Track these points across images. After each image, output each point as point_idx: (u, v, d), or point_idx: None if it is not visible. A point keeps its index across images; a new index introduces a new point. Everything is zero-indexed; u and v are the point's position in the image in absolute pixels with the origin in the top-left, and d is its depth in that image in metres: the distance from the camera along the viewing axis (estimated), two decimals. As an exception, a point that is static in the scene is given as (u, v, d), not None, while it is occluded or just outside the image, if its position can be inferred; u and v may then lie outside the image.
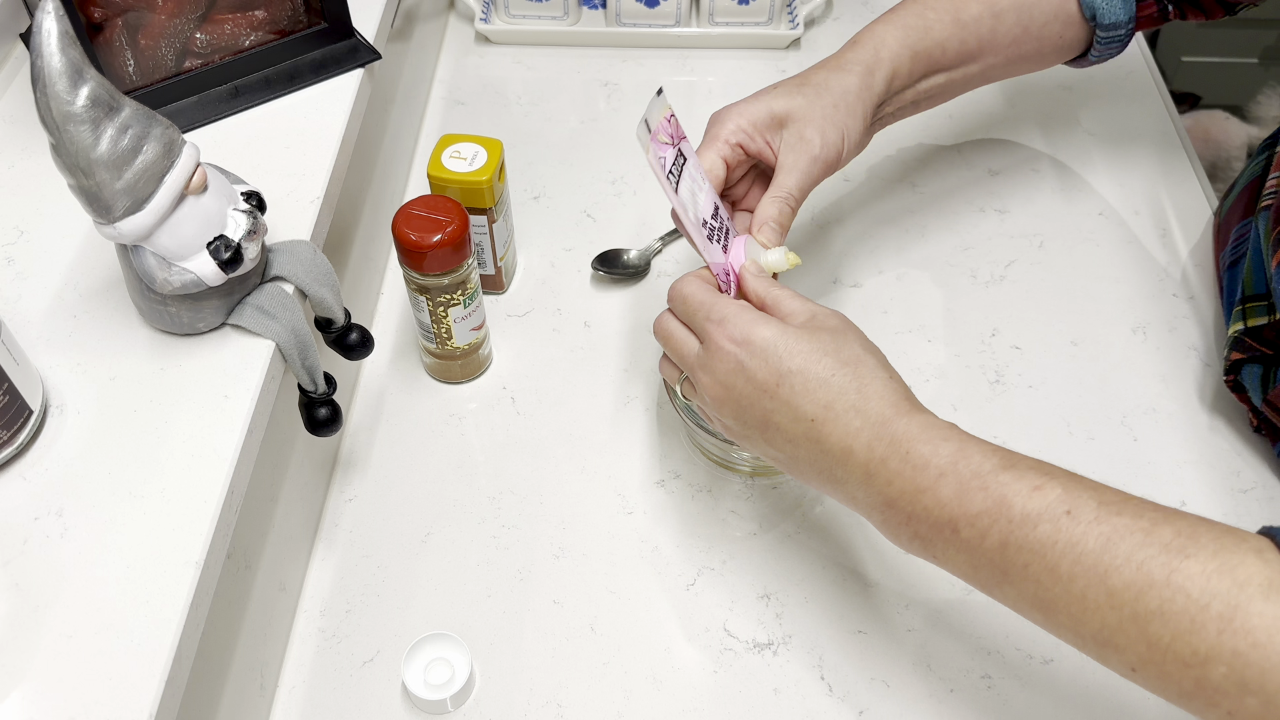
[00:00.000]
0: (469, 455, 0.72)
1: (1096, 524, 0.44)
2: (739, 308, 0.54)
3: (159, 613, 0.45)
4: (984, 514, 0.46)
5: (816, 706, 0.61)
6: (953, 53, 0.68)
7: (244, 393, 0.53)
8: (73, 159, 0.45)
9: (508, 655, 0.63)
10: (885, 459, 0.49)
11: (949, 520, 0.47)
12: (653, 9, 0.99)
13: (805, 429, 0.51)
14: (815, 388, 0.51)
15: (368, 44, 0.72)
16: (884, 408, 0.50)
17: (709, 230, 0.59)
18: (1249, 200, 0.77)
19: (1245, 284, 0.71)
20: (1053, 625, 0.46)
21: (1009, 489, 0.46)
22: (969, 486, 0.46)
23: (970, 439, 0.49)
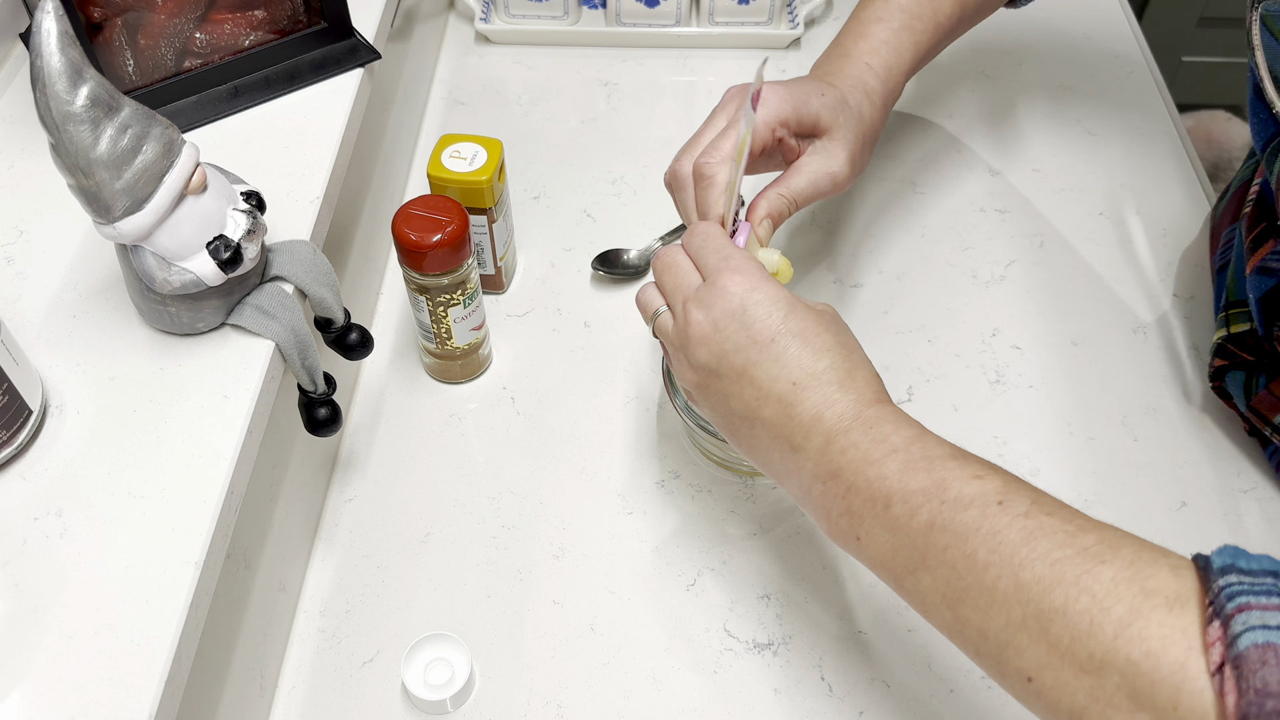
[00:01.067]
0: (469, 455, 0.72)
1: (1024, 518, 0.44)
2: (757, 264, 0.54)
3: (159, 613, 0.45)
4: (920, 492, 0.46)
5: (816, 706, 0.61)
6: (934, 48, 0.72)
7: (244, 393, 0.53)
8: (72, 159, 0.45)
9: (508, 655, 0.63)
10: (849, 429, 0.49)
11: (885, 495, 0.47)
12: (653, 9, 0.99)
13: (783, 390, 0.51)
14: (809, 356, 0.51)
15: (367, 44, 0.72)
16: (867, 390, 0.51)
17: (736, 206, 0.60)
18: (1238, 204, 0.77)
19: (1230, 289, 0.71)
20: (957, 622, 0.45)
21: (951, 473, 0.46)
22: (915, 465, 0.47)
23: (933, 434, 0.49)
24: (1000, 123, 0.94)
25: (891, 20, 0.69)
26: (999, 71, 0.99)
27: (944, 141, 0.92)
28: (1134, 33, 1.02)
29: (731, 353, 0.52)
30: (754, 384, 0.52)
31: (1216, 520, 0.68)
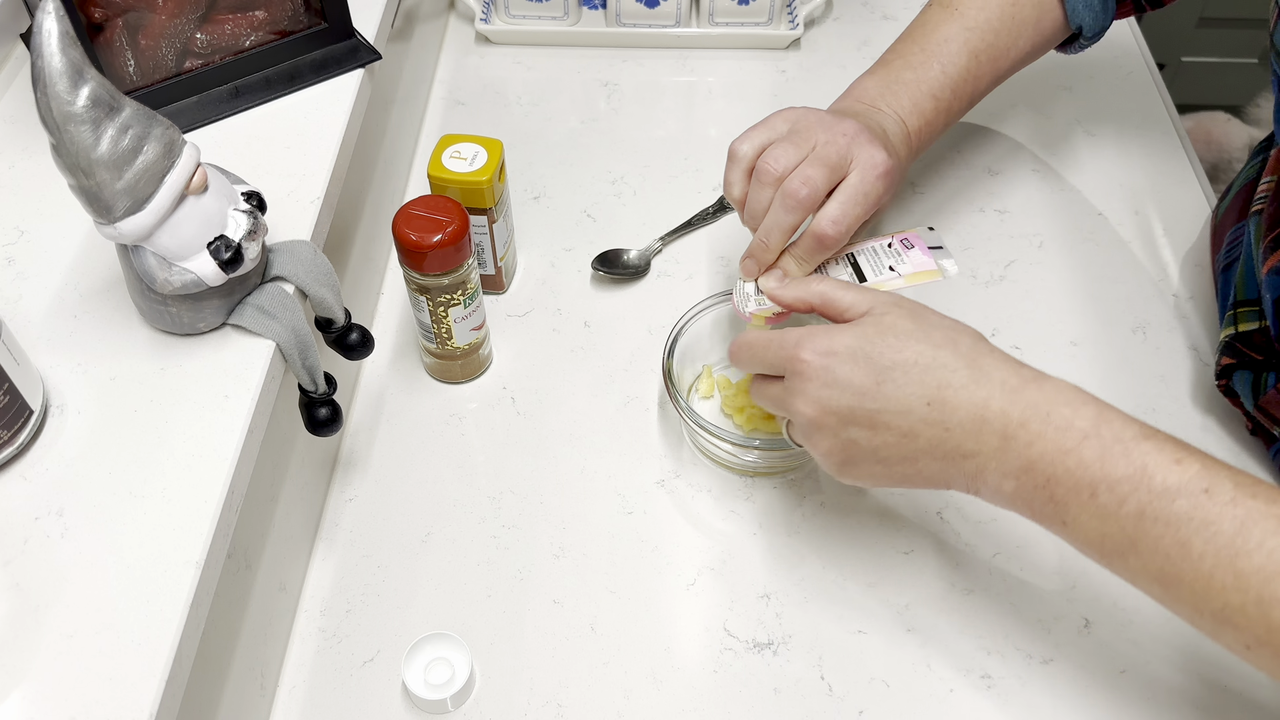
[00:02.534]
0: (469, 455, 0.72)
1: (1232, 505, 0.45)
2: (807, 329, 0.54)
3: (159, 613, 0.46)
4: (1125, 480, 0.47)
5: (816, 706, 0.61)
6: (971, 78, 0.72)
7: (244, 393, 0.53)
8: (73, 159, 0.45)
9: (508, 655, 0.63)
10: (1025, 422, 0.49)
11: (1089, 483, 0.48)
12: (653, 9, 0.99)
13: (921, 415, 0.51)
14: (921, 374, 0.51)
15: (368, 44, 0.72)
16: (1007, 375, 0.50)
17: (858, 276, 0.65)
18: (1243, 203, 0.77)
19: (1238, 288, 0.71)
20: (1170, 599, 0.47)
21: (1150, 459, 0.46)
22: (1112, 451, 0.47)
23: (1105, 404, 0.49)
24: (1000, 123, 0.94)
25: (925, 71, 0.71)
26: (999, 72, 0.99)
27: (944, 142, 0.92)
28: (1134, 33, 1.02)
29: (851, 416, 0.52)
30: (889, 428, 0.52)
31: (1216, 520, 0.68)
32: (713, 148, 0.92)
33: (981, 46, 0.71)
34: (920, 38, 0.72)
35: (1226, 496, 0.45)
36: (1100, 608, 0.64)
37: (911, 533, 0.68)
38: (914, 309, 0.54)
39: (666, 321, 0.77)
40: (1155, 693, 0.61)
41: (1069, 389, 0.50)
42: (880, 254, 0.65)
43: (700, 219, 0.86)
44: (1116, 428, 0.48)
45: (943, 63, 0.70)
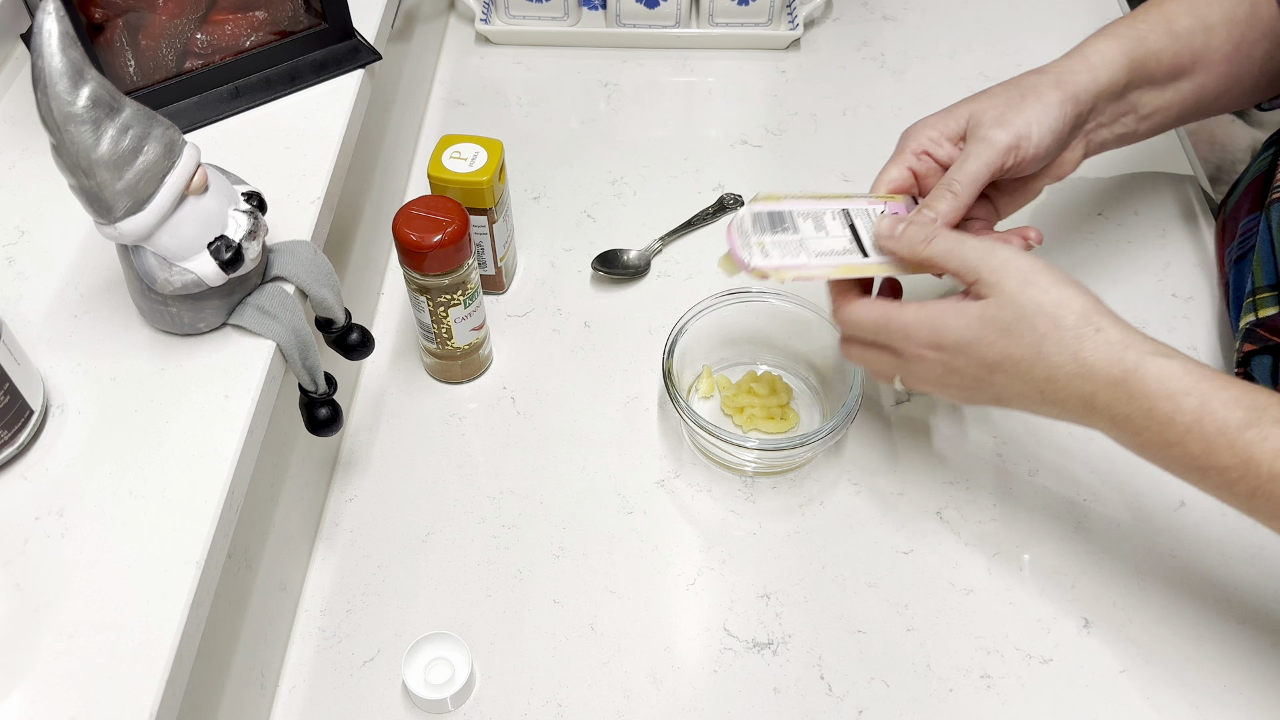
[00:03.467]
0: (469, 455, 0.72)
1: None
2: (914, 314, 0.56)
3: (160, 612, 0.46)
4: (1232, 469, 0.50)
5: (816, 706, 0.61)
6: (1166, 64, 0.66)
7: (245, 393, 0.53)
8: (74, 159, 0.46)
9: (508, 655, 0.63)
10: (1129, 415, 0.52)
11: (1198, 468, 0.51)
12: (653, 10, 0.99)
13: (1038, 397, 0.54)
14: (1027, 369, 0.53)
15: (368, 44, 0.72)
16: (1110, 366, 0.52)
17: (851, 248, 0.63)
18: (1256, 195, 0.77)
19: (1255, 276, 0.72)
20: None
21: (1256, 449, 0.49)
22: (1216, 445, 0.49)
23: (1208, 388, 0.50)
24: (1000, 123, 0.94)
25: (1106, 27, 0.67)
26: (998, 72, 0.98)
27: (944, 142, 0.92)
28: (1134, 33, 1.02)
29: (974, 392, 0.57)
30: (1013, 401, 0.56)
31: (1215, 520, 0.68)
32: (713, 148, 0.92)
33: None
34: None
35: None
36: (1100, 608, 0.64)
37: (911, 533, 0.68)
38: (1017, 292, 0.54)
39: (666, 321, 0.77)
40: (1155, 693, 0.61)
41: (1174, 375, 0.51)
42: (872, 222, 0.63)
43: (700, 219, 0.86)
44: (1220, 419, 0.50)
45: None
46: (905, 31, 1.03)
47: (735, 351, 0.76)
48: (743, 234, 0.63)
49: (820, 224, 0.64)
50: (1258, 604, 0.64)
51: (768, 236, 0.62)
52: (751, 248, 0.62)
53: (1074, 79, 0.63)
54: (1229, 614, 0.64)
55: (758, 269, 0.61)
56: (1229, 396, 0.50)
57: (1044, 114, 0.61)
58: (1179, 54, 0.66)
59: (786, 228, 0.63)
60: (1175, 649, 0.63)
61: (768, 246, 0.62)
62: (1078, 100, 0.63)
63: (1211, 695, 0.61)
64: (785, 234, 0.63)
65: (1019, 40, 1.02)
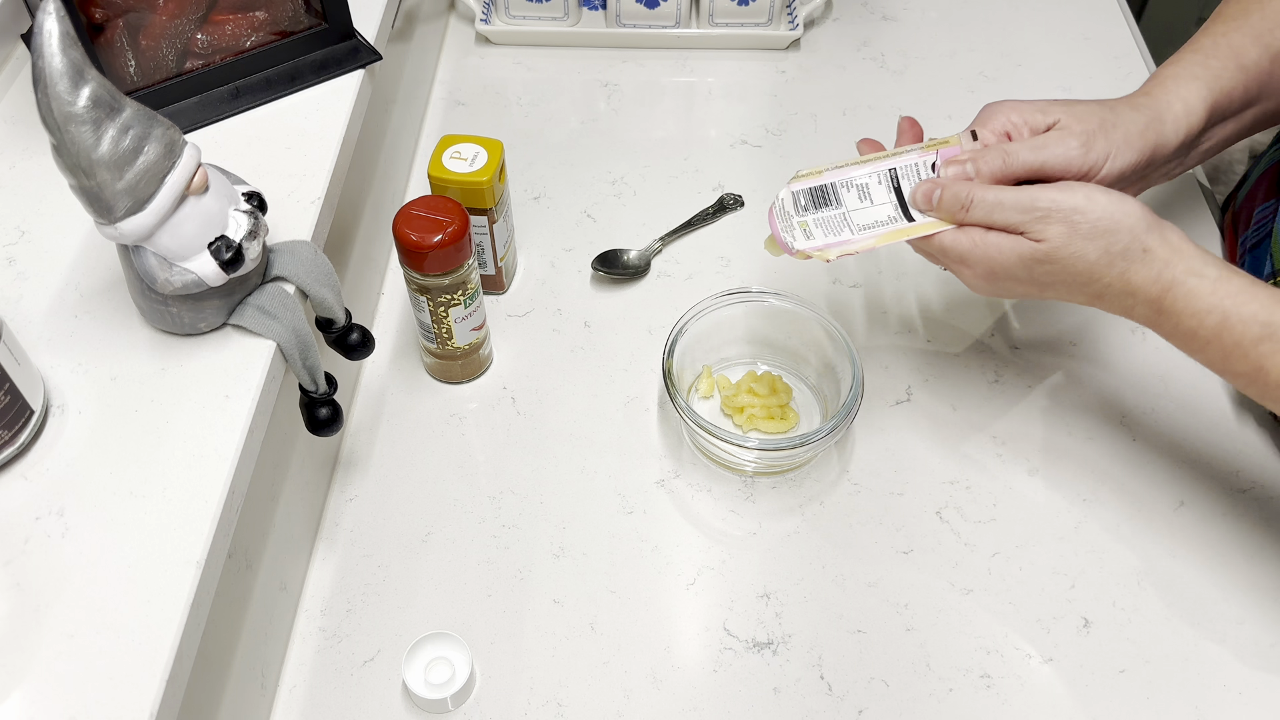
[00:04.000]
0: (469, 455, 0.72)
1: None
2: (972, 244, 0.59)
3: (160, 612, 0.46)
4: (1245, 374, 0.57)
5: (816, 706, 0.61)
6: (1238, 101, 0.67)
7: (245, 393, 0.53)
8: (74, 159, 0.46)
9: (508, 654, 0.63)
10: (1159, 324, 0.59)
11: (1218, 369, 0.58)
12: (653, 10, 0.99)
13: (1086, 300, 0.60)
14: (1081, 287, 0.59)
15: (368, 45, 0.72)
16: (1148, 287, 0.57)
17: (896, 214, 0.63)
18: (1271, 183, 0.78)
19: (1274, 258, 0.72)
20: None
21: (1267, 361, 0.55)
22: (1232, 355, 0.56)
23: (1230, 305, 0.56)
24: (1000, 123, 0.94)
25: (1180, 61, 0.67)
26: (998, 72, 0.99)
27: (944, 142, 0.92)
28: (1133, 33, 1.02)
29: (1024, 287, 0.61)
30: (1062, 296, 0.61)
31: (1215, 520, 0.68)
32: (713, 148, 0.92)
33: None
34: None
35: None
36: (1100, 607, 0.64)
37: (911, 533, 0.68)
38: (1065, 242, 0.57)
39: (666, 321, 0.77)
40: (1154, 693, 0.61)
41: (1202, 294, 0.56)
42: (923, 179, 0.62)
43: (700, 219, 0.86)
44: (1236, 333, 0.56)
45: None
46: (905, 31, 1.03)
47: (735, 351, 0.76)
48: (784, 215, 0.62)
49: (865, 192, 0.63)
50: (1257, 604, 0.64)
51: (810, 215, 0.62)
52: (794, 229, 0.62)
53: (1161, 128, 0.64)
54: (1229, 614, 0.64)
55: (801, 252, 0.62)
56: (1248, 313, 0.55)
57: (1125, 154, 0.62)
58: (1248, 87, 0.67)
59: (829, 202, 0.63)
60: (1175, 649, 0.63)
61: (810, 226, 0.62)
62: (1157, 150, 0.64)
63: (1211, 695, 0.61)
64: (828, 209, 0.62)
65: (1019, 40, 1.02)
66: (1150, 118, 0.64)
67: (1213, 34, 0.68)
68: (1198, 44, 0.68)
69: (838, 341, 0.70)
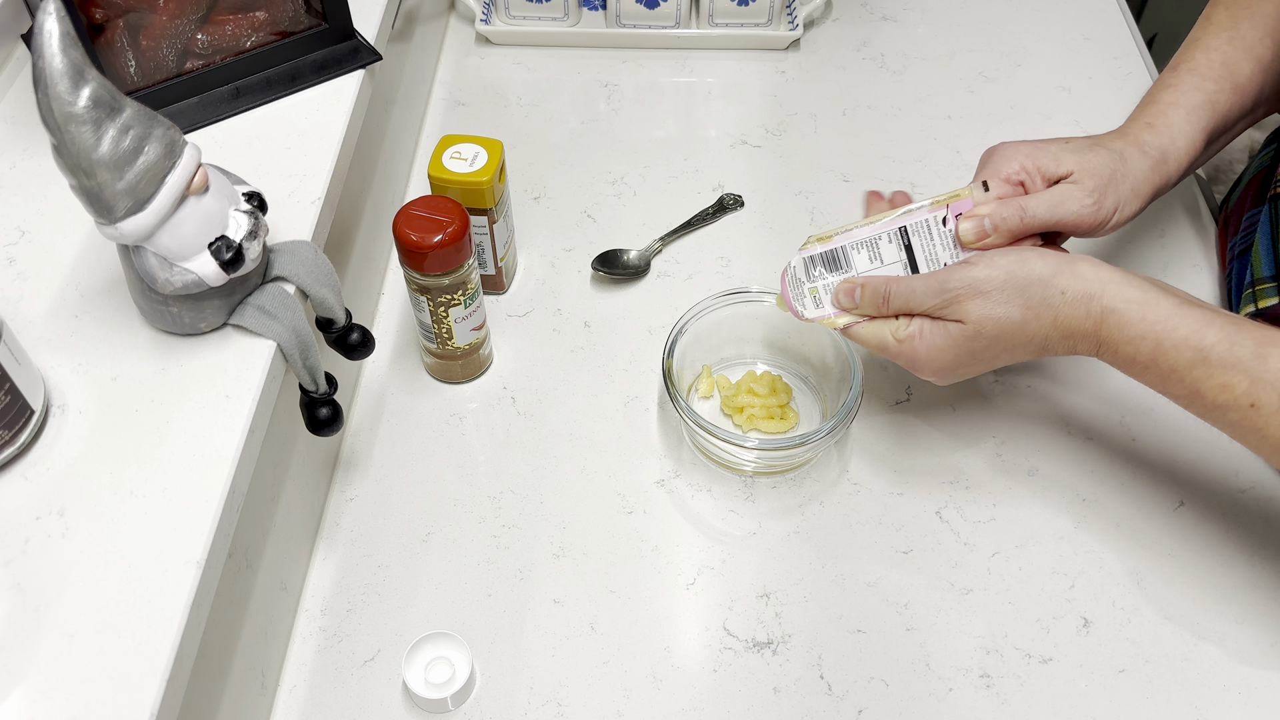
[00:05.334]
0: (469, 455, 0.72)
1: (1277, 415, 0.54)
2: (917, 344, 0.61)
3: (160, 612, 0.46)
4: (1183, 398, 0.58)
5: (816, 705, 0.61)
6: (1234, 117, 0.69)
7: (245, 392, 0.53)
8: (74, 160, 0.46)
9: (508, 654, 0.63)
10: (1105, 356, 0.59)
11: (1159, 391, 0.59)
12: (653, 10, 0.99)
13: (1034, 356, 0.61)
14: (1022, 347, 0.60)
15: (368, 45, 0.72)
16: (1081, 322, 0.58)
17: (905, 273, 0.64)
18: (1258, 189, 0.78)
19: (1255, 267, 0.73)
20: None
21: (1202, 385, 0.56)
22: (1169, 380, 0.57)
23: (1161, 331, 0.56)
24: (999, 124, 0.94)
25: (1180, 85, 0.68)
26: (998, 73, 0.99)
27: (943, 142, 0.92)
28: (1133, 33, 1.02)
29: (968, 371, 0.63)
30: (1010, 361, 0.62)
31: (1214, 520, 0.68)
32: (713, 148, 0.92)
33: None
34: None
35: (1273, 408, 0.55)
36: (1099, 608, 0.64)
37: (911, 533, 0.68)
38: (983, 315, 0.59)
39: (666, 321, 0.77)
40: (1154, 692, 0.61)
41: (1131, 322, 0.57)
42: (935, 240, 0.63)
43: (700, 219, 0.86)
44: (1170, 360, 0.56)
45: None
46: (905, 32, 1.03)
47: (735, 351, 0.76)
48: (795, 282, 0.65)
49: (875, 251, 0.64)
50: (1257, 604, 0.64)
51: (820, 281, 0.65)
52: (804, 297, 0.65)
53: (1166, 169, 0.66)
54: (1229, 614, 0.64)
55: (810, 320, 0.65)
56: (1179, 338, 0.56)
57: (1132, 204, 0.64)
58: (1244, 104, 0.69)
59: (839, 267, 0.64)
60: (1175, 649, 0.63)
61: (820, 292, 0.65)
62: (1160, 189, 0.66)
63: (1211, 695, 0.61)
64: (838, 274, 0.65)
65: (1019, 40, 1.02)
66: (1156, 160, 0.65)
67: (1206, 49, 0.69)
68: (1194, 62, 0.69)
69: (838, 341, 0.70)
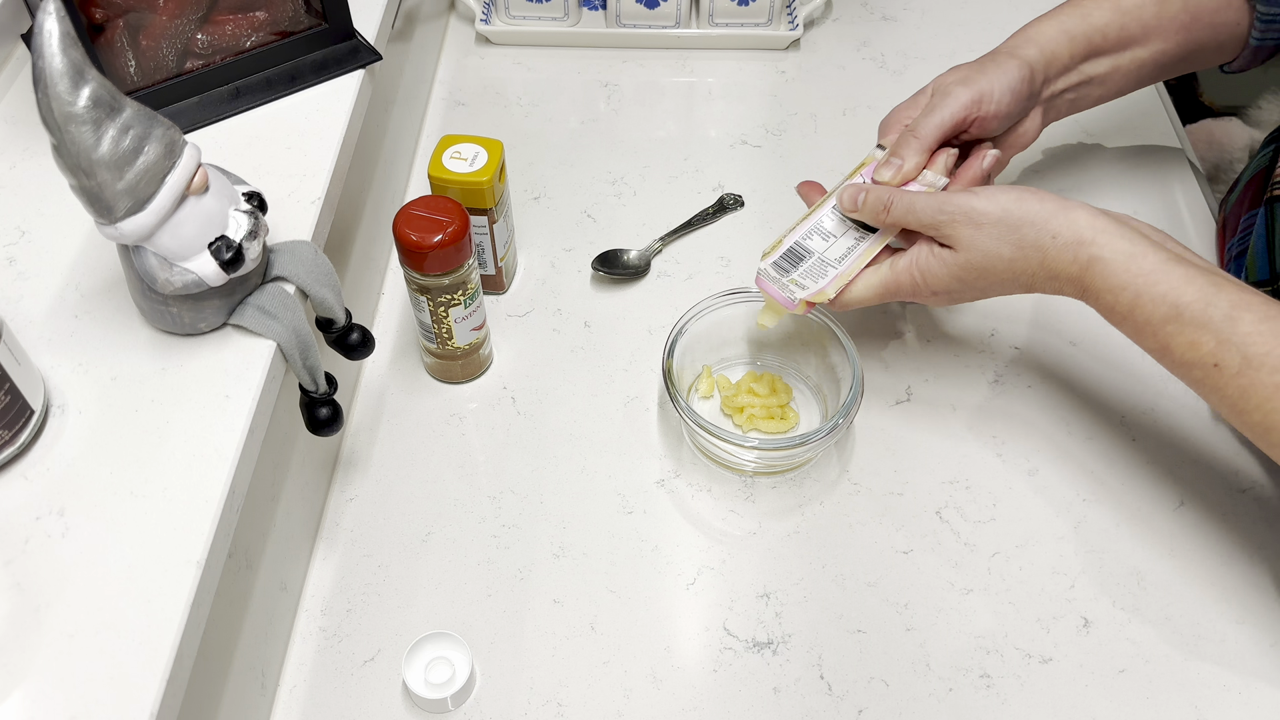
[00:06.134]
0: (469, 455, 0.72)
1: (1237, 378, 0.56)
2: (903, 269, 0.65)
3: (160, 612, 0.46)
4: (1154, 351, 0.60)
5: (816, 706, 0.61)
6: (1113, 37, 0.72)
7: (245, 392, 0.53)
8: (74, 159, 0.46)
9: (508, 654, 0.63)
10: (1088, 301, 0.62)
11: (1135, 340, 0.61)
12: (653, 10, 0.99)
13: (1021, 290, 0.64)
14: (1010, 281, 0.63)
15: (368, 45, 0.72)
16: (1068, 266, 0.61)
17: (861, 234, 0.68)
18: (1255, 191, 0.78)
19: (1249, 270, 0.73)
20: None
21: (1172, 341, 0.58)
22: (1142, 332, 0.59)
23: (1141, 284, 0.58)
24: (1000, 123, 0.94)
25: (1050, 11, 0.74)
26: (998, 72, 0.99)
27: (944, 142, 0.92)
28: (1133, 33, 1.02)
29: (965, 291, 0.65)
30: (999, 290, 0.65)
31: (1214, 520, 0.68)
32: (713, 148, 0.92)
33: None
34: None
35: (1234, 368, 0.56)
36: (1099, 607, 0.64)
37: (911, 533, 0.68)
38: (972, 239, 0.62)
39: (666, 321, 0.77)
40: (1154, 692, 0.61)
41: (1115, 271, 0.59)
42: None
43: (700, 219, 0.86)
44: (1146, 313, 0.58)
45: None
46: (905, 32, 1.03)
47: (735, 351, 0.76)
48: (773, 279, 0.68)
49: (824, 233, 0.68)
50: (1257, 604, 0.64)
51: (793, 274, 0.67)
52: (788, 287, 0.67)
53: (1025, 53, 0.70)
54: (1228, 614, 0.64)
55: (803, 301, 0.66)
56: (1157, 294, 0.58)
57: (1002, 76, 0.69)
58: (1126, 26, 0.72)
59: (802, 257, 0.68)
60: (1175, 649, 0.63)
61: (799, 279, 0.67)
62: (1032, 68, 0.70)
63: (1211, 695, 0.61)
64: (805, 263, 0.68)
65: (1019, 40, 1.02)
66: (1011, 48, 0.71)
67: None
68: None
69: (838, 341, 0.70)
